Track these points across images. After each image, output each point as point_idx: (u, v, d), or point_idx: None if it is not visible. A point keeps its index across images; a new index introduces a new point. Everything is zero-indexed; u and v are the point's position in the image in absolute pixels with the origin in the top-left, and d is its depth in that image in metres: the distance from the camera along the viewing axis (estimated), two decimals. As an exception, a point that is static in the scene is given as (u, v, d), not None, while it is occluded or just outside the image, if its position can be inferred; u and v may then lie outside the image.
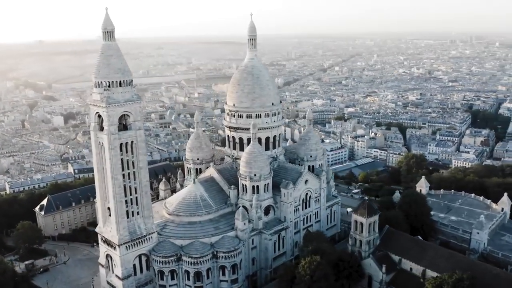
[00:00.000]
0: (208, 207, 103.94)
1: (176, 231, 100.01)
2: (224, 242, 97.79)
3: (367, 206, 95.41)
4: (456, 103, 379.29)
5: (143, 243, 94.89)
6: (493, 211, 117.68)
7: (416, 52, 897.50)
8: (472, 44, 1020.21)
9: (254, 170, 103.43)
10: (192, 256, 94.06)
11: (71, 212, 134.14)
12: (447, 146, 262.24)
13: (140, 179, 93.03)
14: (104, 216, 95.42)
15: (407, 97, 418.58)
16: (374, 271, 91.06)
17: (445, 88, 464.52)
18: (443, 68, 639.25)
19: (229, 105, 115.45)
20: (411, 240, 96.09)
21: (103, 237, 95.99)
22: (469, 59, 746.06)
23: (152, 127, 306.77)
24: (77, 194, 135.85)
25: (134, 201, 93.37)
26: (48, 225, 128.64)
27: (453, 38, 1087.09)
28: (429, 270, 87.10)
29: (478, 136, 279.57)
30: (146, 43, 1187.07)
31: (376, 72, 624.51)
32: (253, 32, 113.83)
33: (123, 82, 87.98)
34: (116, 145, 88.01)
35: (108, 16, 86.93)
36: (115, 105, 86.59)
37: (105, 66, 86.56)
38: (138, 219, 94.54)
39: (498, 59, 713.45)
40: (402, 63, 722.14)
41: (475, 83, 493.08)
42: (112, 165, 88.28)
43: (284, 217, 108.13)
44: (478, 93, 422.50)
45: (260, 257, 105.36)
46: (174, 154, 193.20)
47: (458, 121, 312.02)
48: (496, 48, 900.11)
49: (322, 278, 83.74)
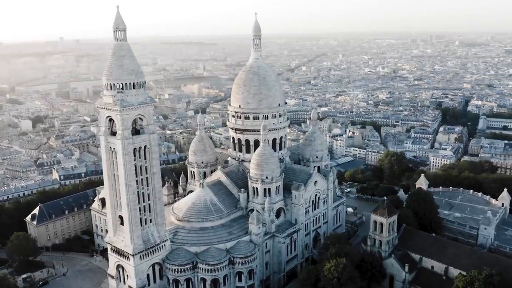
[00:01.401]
0: (219, 211, 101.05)
1: (189, 238, 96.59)
2: (240, 247, 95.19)
3: (387, 206, 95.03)
4: (425, 101, 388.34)
5: (156, 251, 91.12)
6: (494, 206, 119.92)
7: (379, 51, 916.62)
8: (432, 43, 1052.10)
9: (266, 173, 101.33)
10: (209, 263, 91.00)
11: (65, 221, 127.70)
12: (422, 144, 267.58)
13: (153, 185, 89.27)
14: (114, 225, 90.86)
15: (377, 96, 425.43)
16: (396, 271, 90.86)
17: (412, 87, 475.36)
18: (407, 67, 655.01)
19: (234, 106, 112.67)
20: (430, 238, 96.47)
21: (114, 247, 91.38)
22: (431, 58, 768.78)
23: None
24: (70, 202, 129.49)
25: (147, 208, 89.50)
26: (41, 235, 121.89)
27: (413, 38, 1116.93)
28: (451, 268, 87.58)
29: (451, 133, 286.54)
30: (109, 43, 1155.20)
31: (342, 71, 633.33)
32: (257, 32, 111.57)
33: (137, 84, 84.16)
34: (130, 150, 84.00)
35: (120, 14, 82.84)
36: (129, 108, 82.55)
37: (117, 67, 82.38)
38: (151, 226, 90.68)
39: (459, 58, 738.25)
40: (367, 63, 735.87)
41: (440, 81, 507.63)
42: (126, 171, 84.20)
43: (295, 219, 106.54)
44: (445, 91, 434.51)
45: (273, 261, 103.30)
46: (163, 157, 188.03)
47: (430, 119, 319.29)
48: (456, 46, 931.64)
49: (349, 280, 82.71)
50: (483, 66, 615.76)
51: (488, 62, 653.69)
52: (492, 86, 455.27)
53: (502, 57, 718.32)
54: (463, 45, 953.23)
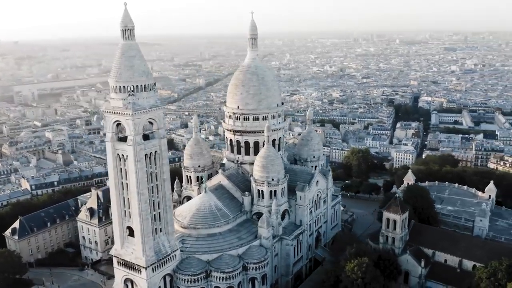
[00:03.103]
0: (226, 216, 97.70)
1: (198, 246, 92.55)
2: (252, 252, 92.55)
3: (400, 203, 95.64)
4: (376, 98, 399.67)
5: (168, 262, 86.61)
6: (482, 199, 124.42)
7: (324, 50, 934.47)
8: (374, 42, 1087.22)
9: (272, 175, 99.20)
10: (224, 271, 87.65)
11: (47, 234, 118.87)
12: (382, 140, 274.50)
13: (164, 192, 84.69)
14: (121, 237, 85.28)
15: (331, 94, 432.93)
16: (412, 267, 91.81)
17: (361, 85, 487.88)
18: (354, 65, 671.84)
19: (232, 107, 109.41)
20: (440, 233, 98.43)
21: (122, 260, 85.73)
22: (375, 56, 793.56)
23: (82, 134, 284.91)
24: (51, 213, 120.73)
25: (157, 216, 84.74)
26: (23, 250, 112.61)
27: (356, 37, 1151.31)
28: (465, 260, 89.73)
29: (408, 128, 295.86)
30: (50, 45, 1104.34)
31: (292, 71, 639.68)
32: (254, 31, 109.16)
33: (147, 86, 79.35)
34: (142, 157, 79.09)
35: (127, 12, 77.56)
36: (141, 112, 77.61)
37: (127, 68, 77.16)
38: (162, 236, 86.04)
39: (402, 56, 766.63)
40: (314, 62, 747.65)
41: (387, 79, 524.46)
42: (138, 179, 79.15)
43: (300, 220, 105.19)
44: (393, 88, 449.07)
45: (280, 264, 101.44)
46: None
47: (385, 116, 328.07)
48: (397, 45, 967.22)
49: (374, 279, 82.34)
50: (425, 63, 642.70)
51: (429, 60, 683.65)
52: (437, 83, 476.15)
53: (442, 54, 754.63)
54: (403, 43, 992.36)
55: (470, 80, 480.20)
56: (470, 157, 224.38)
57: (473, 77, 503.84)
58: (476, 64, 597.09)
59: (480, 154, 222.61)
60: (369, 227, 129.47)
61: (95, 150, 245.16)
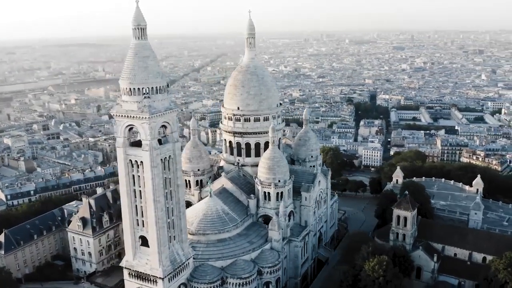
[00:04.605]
0: (234, 221, 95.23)
1: (210, 252, 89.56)
2: (266, 256, 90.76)
3: (410, 200, 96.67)
4: (335, 97, 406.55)
5: (182, 271, 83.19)
6: (469, 192, 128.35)
7: (277, 51, 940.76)
8: (324, 41, 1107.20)
9: (278, 176, 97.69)
10: (241, 277, 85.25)
11: (34, 247, 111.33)
12: (348, 138, 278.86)
13: (178, 198, 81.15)
14: (134, 247, 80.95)
15: (290, 94, 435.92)
16: (425, 262, 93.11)
17: (318, 84, 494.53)
18: (308, 65, 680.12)
19: (231, 108, 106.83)
20: (447, 227, 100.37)
21: (135, 272, 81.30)
22: (327, 55, 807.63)
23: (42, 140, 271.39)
24: (37, 225, 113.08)
25: (171, 224, 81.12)
26: (10, 265, 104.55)
27: (306, 37, 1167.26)
28: (475, 253, 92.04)
29: (372, 126, 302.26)
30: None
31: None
32: (252, 31, 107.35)
33: (162, 87, 75.59)
34: (158, 162, 75.31)
35: (139, 10, 73.59)
36: (157, 115, 73.84)
37: (142, 69, 73.02)
38: (175, 244, 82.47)
39: (353, 55, 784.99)
40: (268, 62, 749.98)
41: (342, 78, 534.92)
42: (154, 185, 75.34)
43: (305, 221, 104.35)
44: (350, 86, 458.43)
45: (289, 266, 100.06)
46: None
47: (347, 114, 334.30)
48: (347, 44, 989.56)
49: (394, 277, 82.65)
50: (377, 62, 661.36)
51: (380, 59, 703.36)
52: (390, 81, 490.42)
53: (392, 53, 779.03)
54: (352, 43, 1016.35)
55: (421, 77, 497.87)
56: (437, 153, 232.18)
57: (423, 75, 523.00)
58: (425, 62, 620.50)
59: (446, 149, 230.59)
60: (363, 225, 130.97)
61: (58, 156, 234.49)
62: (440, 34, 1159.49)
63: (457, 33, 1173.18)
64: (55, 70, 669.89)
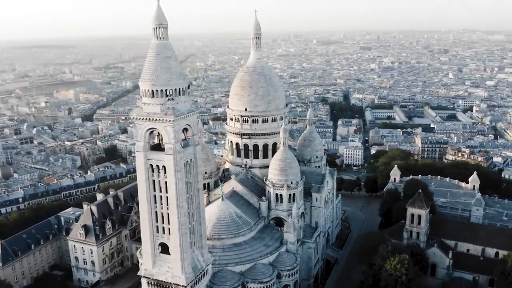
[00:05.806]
0: (247, 224, 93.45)
1: (228, 257, 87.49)
2: (284, 259, 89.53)
3: (423, 198, 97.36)
4: (310, 97, 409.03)
5: (203, 277, 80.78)
6: (467, 189, 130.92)
7: (246, 51, 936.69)
8: (292, 42, 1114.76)
9: (291, 178, 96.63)
10: (262, 281, 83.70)
11: (31, 257, 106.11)
12: (327, 137, 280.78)
13: (198, 202, 78.76)
14: (153, 255, 78.01)
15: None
16: (439, 259, 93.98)
17: (291, 84, 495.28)
18: (278, 65, 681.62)
19: (238, 110, 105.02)
20: (458, 224, 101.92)
21: (155, 281, 78.30)
22: (296, 56, 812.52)
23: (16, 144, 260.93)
24: (34, 234, 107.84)
25: (192, 230, 78.66)
26: (8, 277, 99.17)
27: (274, 38, 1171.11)
28: (488, 248, 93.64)
29: (350, 125, 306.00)
30: None
31: (219, 72, 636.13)
32: (258, 31, 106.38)
33: (184, 89, 73.19)
34: (182, 166, 72.78)
35: (161, 9, 71.02)
36: (180, 118, 71.37)
37: (165, 70, 70.35)
38: (195, 250, 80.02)
39: (322, 55, 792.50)
40: (239, 62, 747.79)
41: (313, 78, 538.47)
42: (178, 190, 72.75)
43: (316, 222, 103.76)
44: (322, 86, 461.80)
45: (302, 268, 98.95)
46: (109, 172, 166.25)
47: (323, 114, 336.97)
48: (314, 45, 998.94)
49: (416, 275, 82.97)
50: (346, 62, 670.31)
51: (348, 59, 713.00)
52: (361, 80, 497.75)
53: (359, 53, 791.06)
54: (320, 43, 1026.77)
55: (390, 77, 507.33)
56: (417, 151, 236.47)
57: (392, 74, 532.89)
58: (393, 62, 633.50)
59: (426, 147, 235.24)
60: (364, 224, 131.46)
61: (34, 160, 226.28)
62: (405, 34, 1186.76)
63: (421, 33, 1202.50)
64: (21, 73, 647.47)
